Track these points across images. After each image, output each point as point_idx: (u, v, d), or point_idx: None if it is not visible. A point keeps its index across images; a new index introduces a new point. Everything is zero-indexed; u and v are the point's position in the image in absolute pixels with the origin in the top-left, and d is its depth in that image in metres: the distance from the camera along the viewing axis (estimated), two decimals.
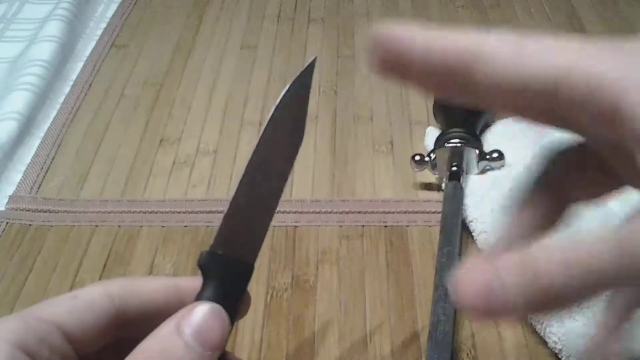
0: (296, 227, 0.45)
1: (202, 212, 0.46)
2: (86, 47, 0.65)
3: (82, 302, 0.23)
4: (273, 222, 0.25)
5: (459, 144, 0.46)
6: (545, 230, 0.21)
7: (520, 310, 0.17)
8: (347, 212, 0.46)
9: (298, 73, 0.25)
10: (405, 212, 0.46)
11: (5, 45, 0.64)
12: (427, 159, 0.47)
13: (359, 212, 0.46)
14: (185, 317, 0.22)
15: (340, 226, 0.45)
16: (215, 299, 0.23)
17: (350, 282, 0.41)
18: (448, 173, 0.45)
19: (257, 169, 0.25)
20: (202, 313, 0.22)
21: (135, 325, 0.23)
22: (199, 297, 0.24)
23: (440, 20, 0.67)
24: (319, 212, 0.46)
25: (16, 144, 0.52)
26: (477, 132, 0.48)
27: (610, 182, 0.20)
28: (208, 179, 0.49)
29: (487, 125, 0.51)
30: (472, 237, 0.43)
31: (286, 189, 0.25)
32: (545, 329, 0.37)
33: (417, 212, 0.46)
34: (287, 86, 0.25)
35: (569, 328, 0.36)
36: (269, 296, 0.41)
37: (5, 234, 0.46)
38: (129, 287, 0.24)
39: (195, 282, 0.24)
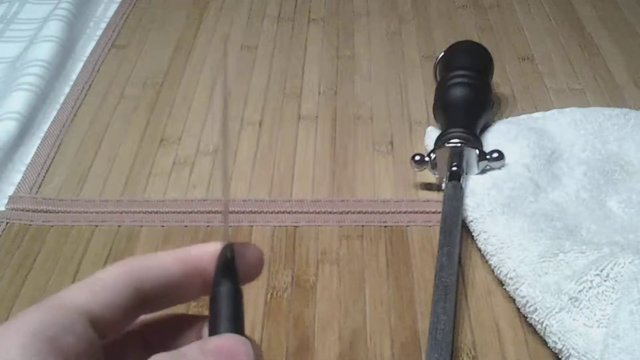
0: (296, 227, 0.45)
1: (202, 212, 0.46)
2: (86, 47, 0.65)
3: (103, 284, 0.22)
4: (273, 222, 0.25)
5: (459, 144, 0.46)
6: None
7: None
8: (347, 212, 0.46)
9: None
10: (405, 212, 0.46)
11: (5, 45, 0.64)
12: (427, 159, 0.47)
13: (359, 212, 0.46)
14: (209, 340, 0.22)
15: (340, 226, 0.45)
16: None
17: (350, 282, 0.41)
18: (448, 173, 0.45)
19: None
20: (225, 340, 0.22)
21: (155, 302, 0.23)
22: (216, 283, 0.23)
23: (440, 20, 0.67)
24: (319, 212, 0.46)
25: (16, 144, 0.52)
26: (477, 132, 0.48)
27: None
28: (208, 179, 0.49)
29: (487, 125, 0.51)
30: (472, 237, 0.43)
31: (286, 189, 0.25)
32: (545, 329, 0.37)
33: (417, 212, 0.46)
34: None
35: (569, 328, 0.36)
36: (269, 296, 0.41)
37: (5, 234, 0.46)
38: (143, 264, 0.23)
39: (206, 247, 0.24)
